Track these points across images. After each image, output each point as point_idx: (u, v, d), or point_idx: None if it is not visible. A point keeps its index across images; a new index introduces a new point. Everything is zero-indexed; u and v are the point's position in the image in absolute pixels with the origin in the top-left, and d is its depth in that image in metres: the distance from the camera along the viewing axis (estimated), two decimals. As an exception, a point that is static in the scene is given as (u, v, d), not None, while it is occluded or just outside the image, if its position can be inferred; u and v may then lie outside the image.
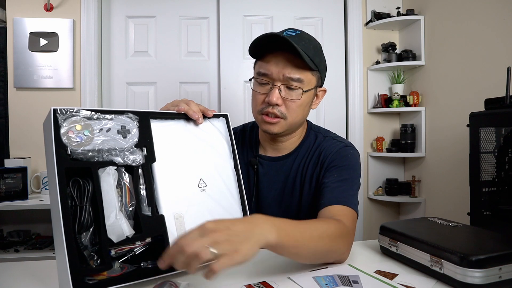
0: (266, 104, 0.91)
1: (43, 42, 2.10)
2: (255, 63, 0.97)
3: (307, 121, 1.05)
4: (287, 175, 0.99)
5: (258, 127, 1.07)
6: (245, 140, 1.08)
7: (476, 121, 1.28)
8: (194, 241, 0.52)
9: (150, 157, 0.72)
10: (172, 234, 0.69)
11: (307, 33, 0.93)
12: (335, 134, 1.04)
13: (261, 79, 0.91)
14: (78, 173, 0.64)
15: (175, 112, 0.79)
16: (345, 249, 0.76)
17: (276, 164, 1.00)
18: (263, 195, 1.00)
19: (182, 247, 0.53)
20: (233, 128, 1.10)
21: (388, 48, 2.36)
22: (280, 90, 0.89)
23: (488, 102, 1.30)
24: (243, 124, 1.14)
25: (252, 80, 0.96)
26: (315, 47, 0.91)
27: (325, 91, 1.00)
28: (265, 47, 0.90)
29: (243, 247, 0.54)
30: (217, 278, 0.69)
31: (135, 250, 0.66)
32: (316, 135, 1.02)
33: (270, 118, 0.91)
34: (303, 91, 0.90)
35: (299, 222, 0.70)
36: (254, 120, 1.13)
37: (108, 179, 0.65)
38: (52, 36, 2.11)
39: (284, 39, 0.84)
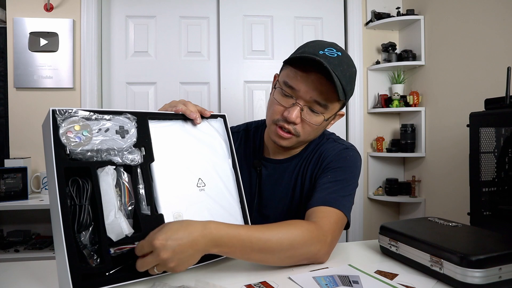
0: (283, 117, 0.87)
1: (43, 42, 2.09)
2: (283, 66, 0.91)
3: None
4: (290, 177, 0.98)
5: (263, 128, 1.05)
6: (249, 141, 1.06)
7: (476, 121, 1.28)
8: (145, 262, 0.62)
9: (149, 157, 0.72)
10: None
11: (347, 56, 0.87)
12: (338, 137, 1.02)
13: (285, 91, 0.87)
14: (77, 172, 0.64)
15: (173, 112, 0.79)
16: (316, 251, 0.73)
17: (280, 167, 0.99)
18: (266, 197, 0.99)
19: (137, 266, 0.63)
20: (235, 126, 1.10)
21: (388, 48, 2.36)
22: (301, 110, 0.86)
23: (488, 102, 1.30)
24: (247, 123, 1.12)
25: (276, 87, 0.91)
26: (350, 75, 0.85)
27: (342, 115, 0.96)
28: (303, 59, 0.84)
29: (182, 267, 0.63)
30: (217, 278, 0.69)
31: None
32: (320, 137, 1.00)
33: (283, 132, 0.88)
34: (324, 119, 0.88)
35: (257, 229, 0.69)
36: (258, 120, 1.12)
37: (107, 178, 0.65)
38: (52, 36, 2.11)
39: (325, 67, 0.79)
